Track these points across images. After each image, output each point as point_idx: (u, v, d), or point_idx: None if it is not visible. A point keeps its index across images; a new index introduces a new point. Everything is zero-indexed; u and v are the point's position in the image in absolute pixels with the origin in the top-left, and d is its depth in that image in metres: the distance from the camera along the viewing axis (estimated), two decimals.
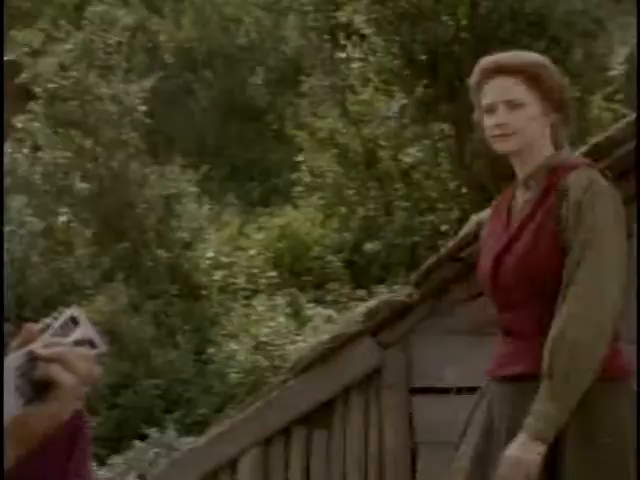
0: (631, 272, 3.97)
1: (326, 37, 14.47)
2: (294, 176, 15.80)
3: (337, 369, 4.37)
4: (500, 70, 2.48)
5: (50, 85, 14.71)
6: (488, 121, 2.51)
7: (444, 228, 12.68)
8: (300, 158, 15.47)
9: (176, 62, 20.51)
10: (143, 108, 15.28)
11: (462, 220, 9.42)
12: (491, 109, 2.49)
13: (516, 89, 2.46)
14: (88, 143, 15.04)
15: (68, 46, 15.07)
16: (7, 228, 13.91)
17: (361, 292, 12.84)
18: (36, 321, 1.25)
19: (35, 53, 15.24)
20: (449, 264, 4.25)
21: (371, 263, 14.35)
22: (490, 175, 10.63)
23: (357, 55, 12.98)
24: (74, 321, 1.21)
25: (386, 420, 4.37)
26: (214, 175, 17.42)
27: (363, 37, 12.64)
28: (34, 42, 15.53)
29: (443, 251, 4.27)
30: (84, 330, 1.21)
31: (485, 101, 2.51)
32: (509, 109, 2.46)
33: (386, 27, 11.91)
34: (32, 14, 19.42)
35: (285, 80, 19.13)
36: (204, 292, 14.34)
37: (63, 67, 14.85)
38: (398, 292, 4.44)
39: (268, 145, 18.78)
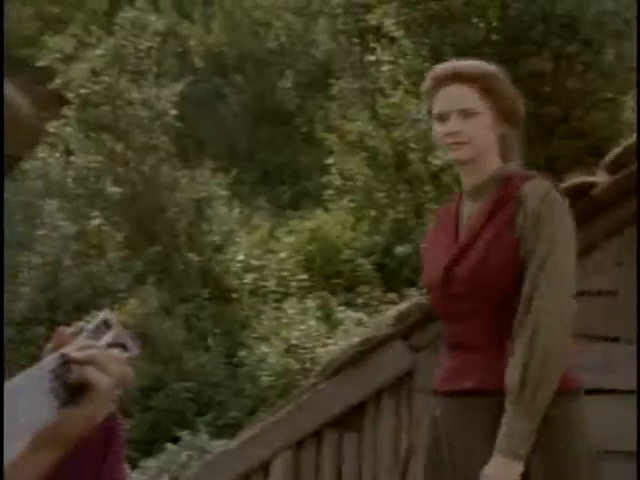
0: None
1: (356, 40, 14.47)
2: (324, 179, 15.82)
3: (368, 372, 4.37)
4: (456, 78, 2.45)
5: (82, 90, 14.84)
6: (440, 128, 2.47)
7: None
8: (330, 161, 15.48)
9: (206, 66, 20.60)
10: (174, 112, 15.37)
11: None
12: (443, 117, 2.46)
13: (471, 98, 2.44)
14: (119, 147, 15.15)
15: (99, 51, 15.20)
16: (40, 232, 14.03)
17: (392, 295, 12.82)
18: (69, 324, 1.26)
19: (67, 59, 15.38)
20: None
21: (402, 266, 14.33)
22: None
23: (387, 58, 12.96)
24: (107, 324, 1.23)
25: (417, 423, 4.36)
26: (244, 178, 17.48)
27: (393, 40, 12.63)
28: (66, 48, 15.67)
29: None
30: (116, 333, 1.22)
31: (437, 108, 2.47)
32: (462, 118, 2.43)
33: (416, 29, 11.89)
34: (63, 20, 19.59)
35: (315, 83, 19.16)
36: (235, 295, 14.39)
37: (95, 72, 14.97)
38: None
39: (298, 148, 18.81)
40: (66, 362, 1.11)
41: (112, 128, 15.09)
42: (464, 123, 2.43)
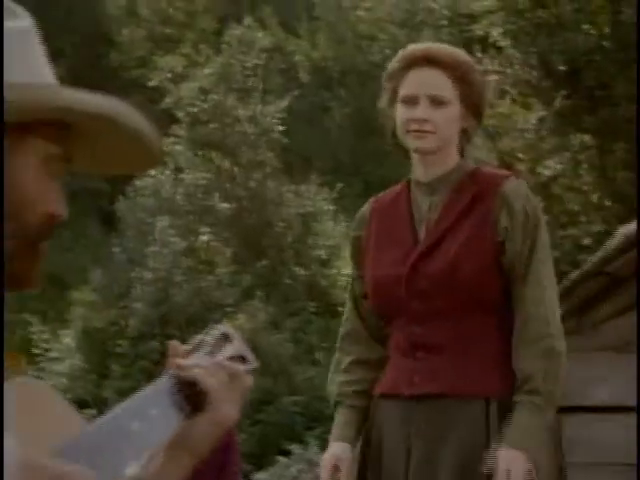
0: None
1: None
2: None
3: None
4: (430, 61, 2.28)
5: (191, 109, 15.16)
6: (405, 113, 2.29)
7: (586, 242, 12.34)
8: None
9: (311, 81, 20.78)
10: (280, 128, 15.55)
11: (605, 233, 9.14)
12: (411, 101, 2.28)
13: (444, 85, 2.28)
14: (227, 164, 15.40)
15: (208, 70, 15.50)
16: (152, 248, 14.35)
17: None
18: (181, 339, 1.28)
19: (177, 78, 15.74)
20: (594, 279, 4.13)
21: None
22: (635, 186, 10.29)
23: (493, 68, 12.82)
24: (226, 337, 1.24)
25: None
26: (350, 192, 17.53)
27: (499, 49, 12.49)
28: (176, 67, 16.05)
29: (587, 265, 4.16)
30: (236, 346, 1.24)
31: (406, 91, 2.29)
32: (432, 105, 2.27)
33: (523, 38, 11.71)
34: (174, 40, 20.06)
35: None
36: (341, 309, 14.41)
37: (203, 91, 15.28)
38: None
39: (402, 161, 18.75)
40: (181, 377, 1.13)
41: (220, 145, 15.36)
42: (433, 111, 2.27)
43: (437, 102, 2.27)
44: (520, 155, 13.89)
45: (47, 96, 1.04)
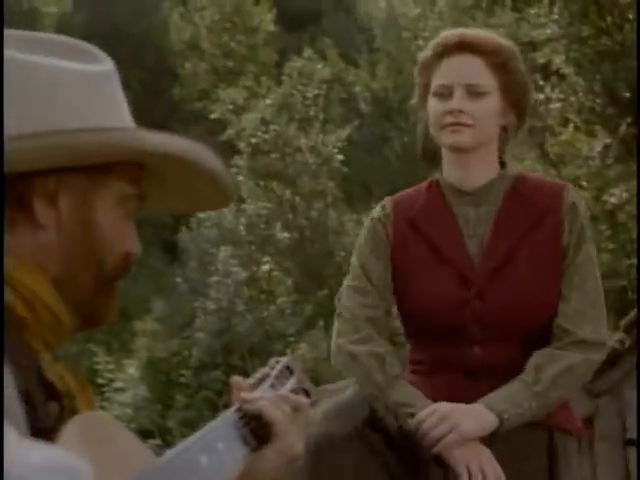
0: None
1: None
2: None
3: None
4: (465, 47, 2.01)
5: (253, 140, 15.31)
6: (438, 106, 2.02)
7: None
8: None
9: (371, 111, 20.84)
10: (340, 157, 15.60)
11: None
12: (445, 92, 2.02)
13: (481, 73, 2.01)
14: (288, 194, 15.49)
15: (269, 101, 15.65)
16: (214, 278, 14.46)
17: None
18: (243, 369, 1.29)
19: (238, 109, 15.92)
20: None
21: None
22: None
23: (556, 95, 12.73)
24: (289, 370, 1.25)
25: (600, 472, 4.17)
26: None
27: (562, 77, 12.40)
28: (238, 99, 16.24)
29: None
30: (299, 378, 1.24)
31: (439, 81, 2.02)
32: (469, 96, 2.00)
33: (587, 66, 11.60)
34: (236, 72, 20.32)
35: None
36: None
37: (264, 121, 15.42)
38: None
39: None
40: (246, 410, 1.13)
41: (281, 175, 15.47)
42: (470, 103, 2.00)
43: (475, 92, 2.01)
44: (584, 183, 13.73)
45: (130, 140, 1.06)
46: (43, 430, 0.96)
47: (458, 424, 1.92)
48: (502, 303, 2.02)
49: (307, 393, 1.23)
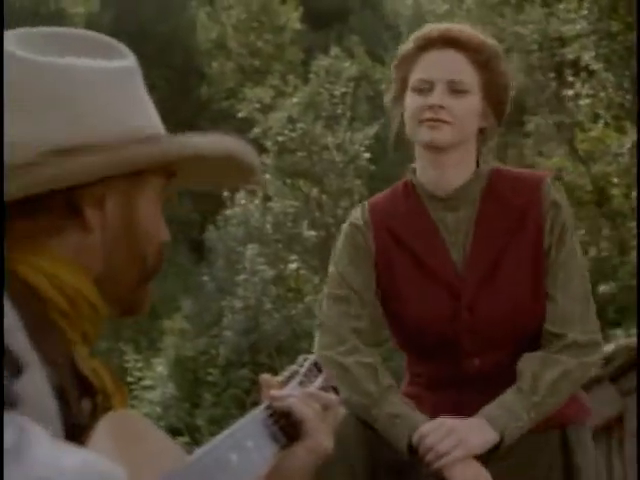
0: None
1: (551, 75, 14.21)
2: None
3: None
4: (448, 42, 1.93)
5: (279, 138, 15.33)
6: (417, 101, 1.93)
7: None
8: None
9: None
10: (367, 155, 15.57)
11: None
12: (425, 87, 1.93)
13: (464, 69, 1.94)
14: (315, 192, 15.49)
15: (296, 99, 15.66)
16: (241, 277, 14.50)
17: None
18: (271, 367, 1.29)
19: (265, 108, 15.95)
20: None
21: (606, 305, 13.79)
22: None
23: (586, 91, 12.65)
24: (318, 368, 1.24)
25: (630, 471, 4.13)
26: None
27: (591, 73, 12.32)
28: (265, 98, 16.27)
29: None
30: (327, 376, 1.24)
31: (419, 75, 1.94)
32: (450, 93, 1.92)
33: (616, 62, 11.53)
34: (262, 71, 20.35)
35: (509, 121, 18.94)
36: None
37: (291, 120, 15.43)
38: (637, 336, 4.22)
39: None
40: (276, 408, 1.13)
41: (308, 173, 15.47)
42: (451, 99, 1.92)
43: (456, 90, 1.93)
44: (614, 180, 13.63)
45: (183, 148, 1.09)
46: (77, 427, 0.96)
47: (465, 439, 1.87)
48: (493, 312, 1.96)
49: (335, 390, 1.23)
